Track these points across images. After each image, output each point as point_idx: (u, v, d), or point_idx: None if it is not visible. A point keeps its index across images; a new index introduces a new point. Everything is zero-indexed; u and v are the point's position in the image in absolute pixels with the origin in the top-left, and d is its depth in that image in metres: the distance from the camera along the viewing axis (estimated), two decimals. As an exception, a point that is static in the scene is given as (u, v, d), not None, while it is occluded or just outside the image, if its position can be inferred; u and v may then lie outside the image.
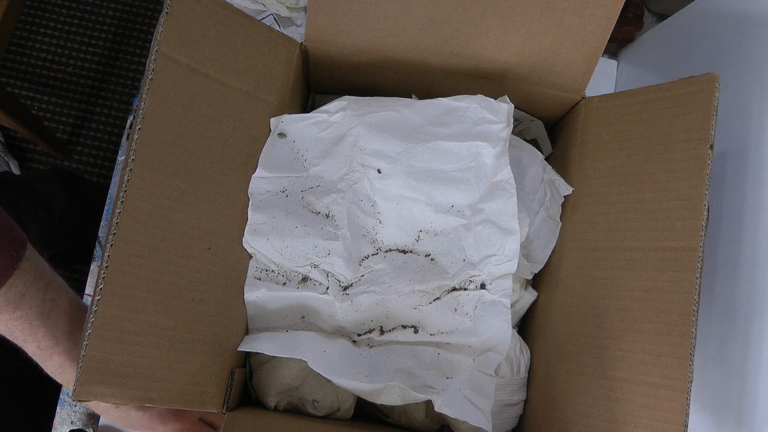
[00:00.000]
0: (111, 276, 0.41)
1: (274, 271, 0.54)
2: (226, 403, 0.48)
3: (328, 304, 0.54)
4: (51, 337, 0.46)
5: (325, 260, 0.54)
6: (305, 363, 0.49)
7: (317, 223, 0.54)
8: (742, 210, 0.52)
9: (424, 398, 0.49)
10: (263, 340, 0.52)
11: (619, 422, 0.46)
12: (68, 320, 0.47)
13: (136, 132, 0.43)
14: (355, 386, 0.49)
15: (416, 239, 0.56)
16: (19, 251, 0.44)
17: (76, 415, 0.65)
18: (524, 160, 0.59)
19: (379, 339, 0.54)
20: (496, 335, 0.52)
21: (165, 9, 0.44)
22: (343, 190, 0.55)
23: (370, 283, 0.54)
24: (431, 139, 0.55)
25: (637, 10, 0.79)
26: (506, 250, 0.53)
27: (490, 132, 0.54)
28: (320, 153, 0.56)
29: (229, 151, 0.50)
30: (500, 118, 0.54)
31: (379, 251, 0.55)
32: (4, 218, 0.44)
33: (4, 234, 0.43)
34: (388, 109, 0.56)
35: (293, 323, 0.54)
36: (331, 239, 0.54)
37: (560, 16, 0.52)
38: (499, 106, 0.54)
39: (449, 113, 0.55)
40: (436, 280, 0.54)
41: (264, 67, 0.52)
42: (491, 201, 0.54)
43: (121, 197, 0.42)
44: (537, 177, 0.58)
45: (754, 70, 0.54)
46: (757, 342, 0.48)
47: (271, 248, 0.53)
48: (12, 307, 0.44)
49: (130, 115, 0.74)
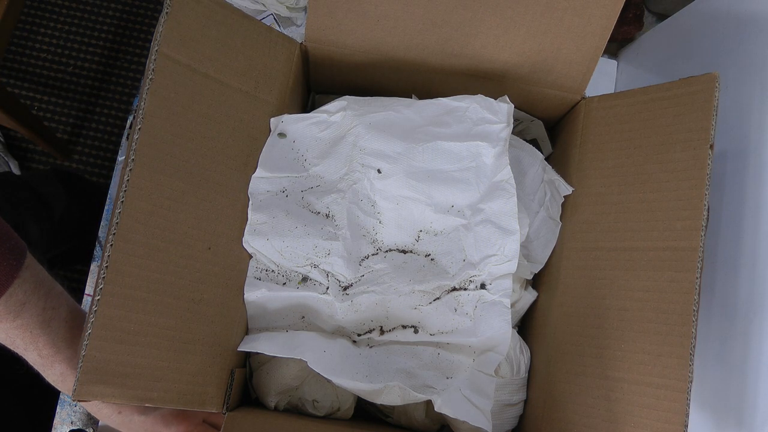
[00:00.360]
0: (111, 276, 0.41)
1: (274, 271, 0.54)
2: (226, 403, 0.48)
3: (328, 304, 0.54)
4: (52, 345, 0.46)
5: (325, 260, 0.54)
6: (305, 363, 0.49)
7: (317, 223, 0.54)
8: (742, 210, 0.52)
9: (424, 398, 0.49)
10: (263, 340, 0.52)
11: (619, 422, 0.46)
12: (68, 328, 0.47)
13: (136, 132, 0.43)
14: (355, 386, 0.49)
15: (416, 239, 0.56)
16: (19, 260, 0.43)
17: (76, 415, 0.65)
18: (524, 160, 0.59)
19: (379, 339, 0.54)
20: (496, 335, 0.52)
21: (165, 9, 0.44)
22: (343, 190, 0.55)
23: (370, 283, 0.54)
24: (431, 139, 0.55)
25: (637, 10, 0.79)
26: (506, 250, 0.53)
27: (490, 132, 0.54)
28: (320, 153, 0.56)
29: (229, 151, 0.50)
30: (500, 118, 0.54)
31: (379, 251, 0.55)
32: (3, 226, 0.44)
33: (3, 242, 0.42)
34: (388, 109, 0.56)
35: (293, 323, 0.54)
36: (331, 239, 0.54)
37: (560, 16, 0.52)
38: (499, 106, 0.54)
39: (449, 113, 0.55)
40: (436, 280, 0.54)
41: (264, 67, 0.52)
42: (491, 201, 0.54)
43: (121, 197, 0.42)
44: (537, 177, 0.58)
45: (754, 70, 0.54)
46: (757, 342, 0.48)
47: (271, 248, 0.53)
48: (12, 315, 0.43)
49: (130, 115, 0.74)
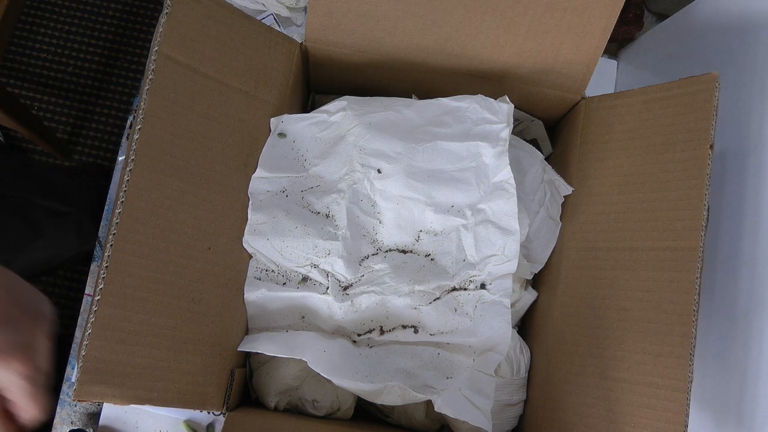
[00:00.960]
0: (111, 276, 0.41)
1: (274, 272, 0.54)
2: (226, 403, 0.48)
3: (328, 304, 0.54)
4: None
5: (325, 260, 0.54)
6: (305, 363, 0.49)
7: (317, 223, 0.54)
8: (742, 210, 0.52)
9: (424, 398, 0.49)
10: (263, 340, 0.52)
11: (619, 422, 0.46)
12: None
13: (136, 132, 0.43)
14: (355, 386, 0.49)
15: (416, 239, 0.56)
16: None
17: (76, 415, 0.65)
18: (524, 160, 0.59)
19: (379, 339, 0.54)
20: (496, 335, 0.52)
21: (165, 9, 0.44)
22: (343, 190, 0.55)
23: (370, 283, 0.54)
24: (431, 139, 0.55)
25: (637, 10, 0.79)
26: (506, 250, 0.53)
27: (490, 132, 0.54)
28: (320, 153, 0.56)
29: (229, 151, 0.50)
30: (500, 118, 0.54)
31: (379, 251, 0.55)
32: None
33: None
34: (388, 109, 0.56)
35: (293, 323, 0.54)
36: (331, 239, 0.54)
37: (560, 16, 0.52)
38: (499, 106, 0.54)
39: (449, 113, 0.55)
40: (436, 280, 0.54)
41: (264, 67, 0.52)
42: (491, 201, 0.54)
43: (121, 197, 0.42)
44: (537, 177, 0.58)
45: (754, 70, 0.54)
46: (757, 342, 0.48)
47: (271, 248, 0.53)
48: None
49: (130, 115, 0.74)
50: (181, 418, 0.65)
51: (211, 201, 0.48)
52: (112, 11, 1.35)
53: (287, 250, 0.53)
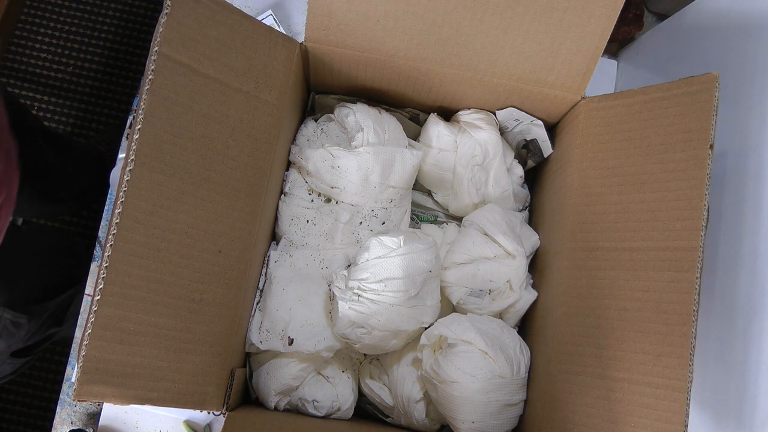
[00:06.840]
0: (111, 276, 0.41)
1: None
2: (226, 403, 0.48)
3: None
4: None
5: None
6: (305, 363, 0.49)
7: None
8: (742, 210, 0.52)
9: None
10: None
11: (619, 422, 0.46)
12: None
13: (136, 132, 0.43)
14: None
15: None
16: None
17: (76, 415, 0.65)
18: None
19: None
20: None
21: (165, 9, 0.44)
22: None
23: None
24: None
25: (637, 10, 0.79)
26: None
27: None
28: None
29: (229, 151, 0.50)
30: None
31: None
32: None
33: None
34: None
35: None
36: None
37: (560, 16, 0.52)
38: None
39: None
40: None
41: (264, 67, 0.52)
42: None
43: (121, 197, 0.42)
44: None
45: (754, 70, 0.54)
46: (757, 342, 0.48)
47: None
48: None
49: (130, 115, 0.74)
50: (181, 418, 0.65)
51: (211, 201, 0.48)
52: (112, 11, 1.35)
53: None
